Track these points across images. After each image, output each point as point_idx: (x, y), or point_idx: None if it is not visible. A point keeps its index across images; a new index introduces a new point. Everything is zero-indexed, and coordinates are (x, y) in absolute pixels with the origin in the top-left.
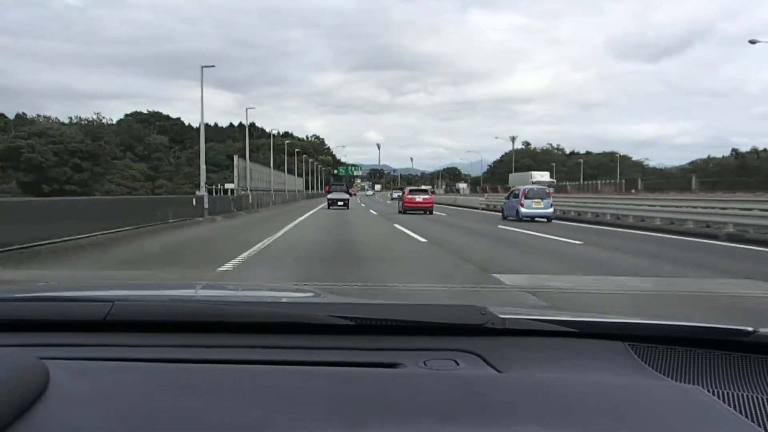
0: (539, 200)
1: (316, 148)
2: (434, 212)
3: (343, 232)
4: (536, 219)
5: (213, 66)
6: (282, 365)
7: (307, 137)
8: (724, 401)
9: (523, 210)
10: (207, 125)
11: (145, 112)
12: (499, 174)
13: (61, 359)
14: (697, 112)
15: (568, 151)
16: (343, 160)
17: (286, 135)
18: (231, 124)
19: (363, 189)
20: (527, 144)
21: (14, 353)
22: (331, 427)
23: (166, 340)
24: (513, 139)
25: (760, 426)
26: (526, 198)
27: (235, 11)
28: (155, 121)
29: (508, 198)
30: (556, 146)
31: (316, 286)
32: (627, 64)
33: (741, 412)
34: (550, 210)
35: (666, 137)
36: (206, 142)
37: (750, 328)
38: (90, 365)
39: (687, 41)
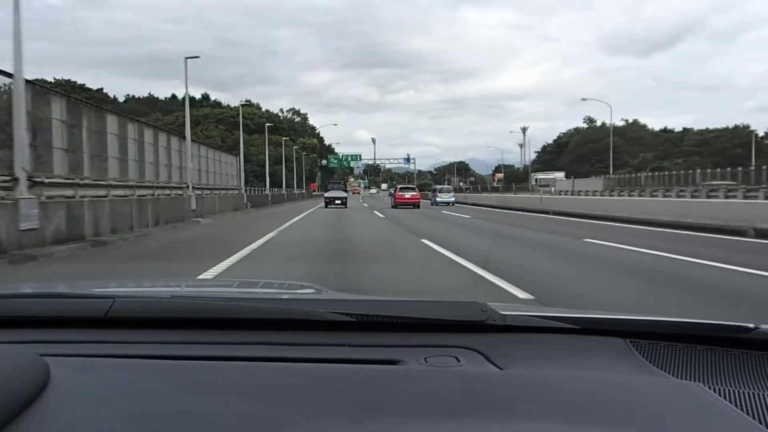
0: (447, 193)
1: (293, 125)
2: None
3: None
4: (449, 204)
5: None
6: (283, 362)
7: (282, 111)
8: (725, 398)
9: (437, 199)
10: (139, 98)
11: (51, 80)
12: (567, 161)
13: (62, 356)
14: (688, 107)
15: (656, 128)
16: (337, 149)
17: (249, 104)
18: (173, 96)
19: (360, 186)
20: (591, 120)
21: (15, 350)
22: (332, 424)
23: (167, 337)
24: (524, 129)
25: (761, 423)
26: (440, 192)
27: (222, 10)
28: (67, 94)
29: (431, 192)
30: (632, 121)
31: (317, 283)
32: (618, 59)
33: (742, 409)
34: (453, 198)
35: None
36: (129, 115)
37: (751, 325)
38: (91, 362)
39: (677, 36)
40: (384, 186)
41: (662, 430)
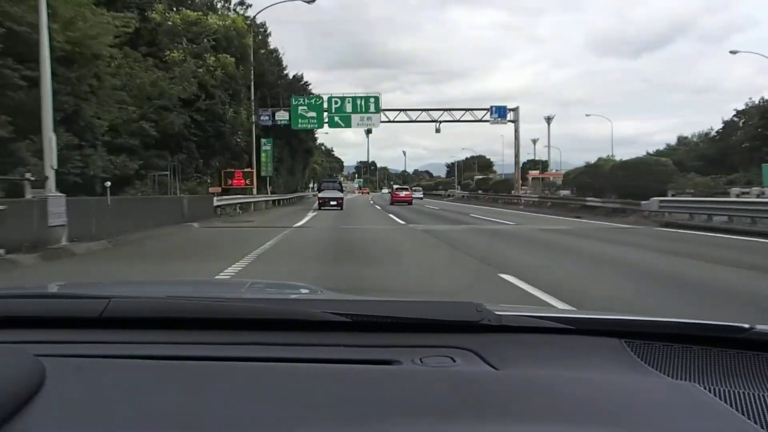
0: (418, 192)
1: (225, 36)
2: None
3: None
4: (421, 198)
5: None
6: (278, 362)
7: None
8: (720, 398)
9: (413, 196)
10: None
11: None
12: None
13: (58, 356)
14: (675, 110)
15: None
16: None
17: None
18: None
19: (356, 186)
20: None
21: (10, 350)
22: (327, 424)
23: (162, 338)
24: (549, 119)
25: (756, 423)
26: (414, 192)
27: None
28: None
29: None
30: None
31: (312, 283)
32: (607, 61)
33: (737, 409)
34: (421, 195)
35: (644, 135)
36: None
37: (746, 325)
38: (86, 362)
39: (667, 37)
40: (396, 186)
41: (658, 430)
